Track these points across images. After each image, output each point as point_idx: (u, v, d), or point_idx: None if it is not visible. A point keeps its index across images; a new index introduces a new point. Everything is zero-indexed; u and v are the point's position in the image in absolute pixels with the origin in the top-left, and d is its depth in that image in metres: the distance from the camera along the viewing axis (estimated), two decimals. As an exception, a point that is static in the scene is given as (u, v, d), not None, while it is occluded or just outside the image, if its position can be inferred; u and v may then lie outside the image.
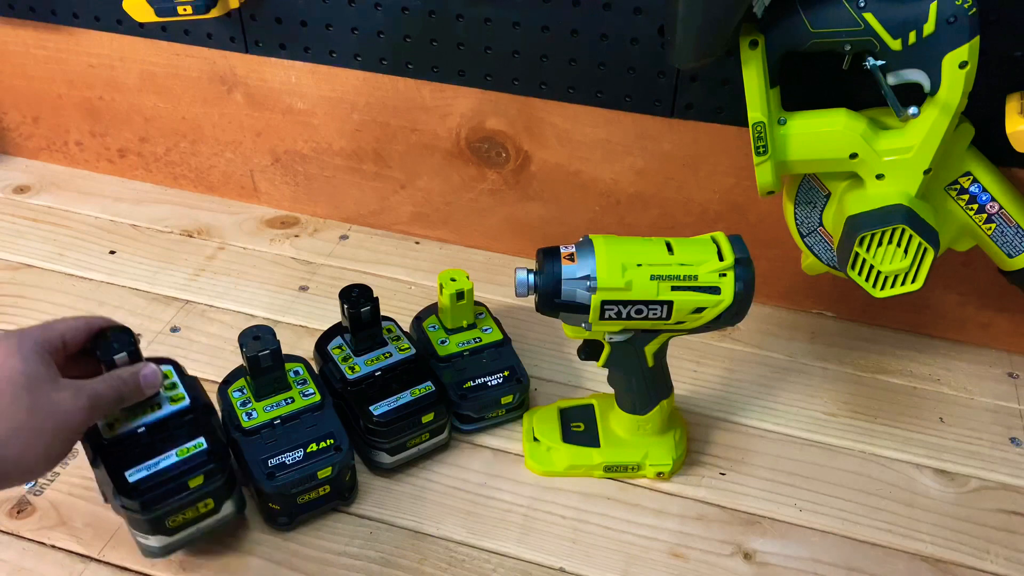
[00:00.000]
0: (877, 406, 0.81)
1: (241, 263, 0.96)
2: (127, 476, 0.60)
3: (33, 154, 1.11)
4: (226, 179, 1.04)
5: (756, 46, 0.67)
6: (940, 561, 0.68)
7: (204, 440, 0.63)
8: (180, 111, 1.00)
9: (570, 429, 0.75)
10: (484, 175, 0.93)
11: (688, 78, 0.79)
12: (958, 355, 0.87)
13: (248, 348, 0.67)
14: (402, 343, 0.76)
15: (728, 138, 0.81)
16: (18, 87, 1.05)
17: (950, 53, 0.63)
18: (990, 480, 0.75)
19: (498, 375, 0.76)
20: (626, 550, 0.68)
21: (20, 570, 0.65)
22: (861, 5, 0.63)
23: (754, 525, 0.71)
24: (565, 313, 0.64)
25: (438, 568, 0.66)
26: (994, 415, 0.81)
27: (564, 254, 0.63)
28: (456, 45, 0.84)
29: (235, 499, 0.65)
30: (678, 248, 0.63)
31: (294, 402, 0.69)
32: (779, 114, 0.69)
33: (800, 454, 0.77)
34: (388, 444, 0.70)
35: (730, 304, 0.62)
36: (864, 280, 0.70)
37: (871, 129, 0.68)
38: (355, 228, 1.02)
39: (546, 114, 0.86)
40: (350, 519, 0.70)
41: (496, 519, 0.70)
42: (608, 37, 0.79)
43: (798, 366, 0.86)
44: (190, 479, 0.61)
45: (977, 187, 0.72)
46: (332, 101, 0.93)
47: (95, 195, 1.06)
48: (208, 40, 0.92)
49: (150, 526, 0.61)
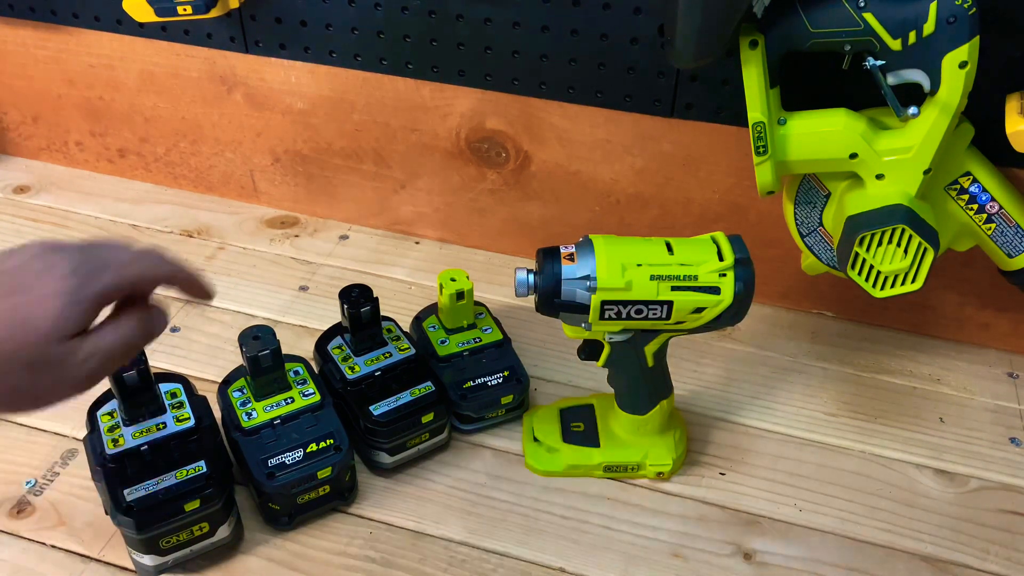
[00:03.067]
0: (877, 406, 0.81)
1: (241, 263, 0.96)
2: (125, 495, 0.60)
3: (33, 154, 1.11)
4: (226, 179, 1.04)
5: (756, 46, 0.67)
6: (940, 561, 0.68)
7: (204, 464, 0.63)
8: (180, 111, 1.00)
9: (570, 429, 0.75)
10: (484, 175, 0.93)
11: (688, 78, 0.79)
12: (958, 355, 0.87)
13: (248, 348, 0.67)
14: (402, 343, 0.76)
15: (728, 138, 0.81)
16: (18, 87, 1.05)
17: (950, 53, 0.63)
18: (990, 480, 0.75)
19: (498, 375, 0.76)
20: (626, 550, 0.68)
21: (20, 570, 0.65)
22: (861, 5, 0.63)
23: (754, 525, 0.71)
24: (565, 313, 0.64)
25: (438, 568, 0.66)
26: (994, 415, 0.81)
27: (564, 254, 0.63)
28: (456, 45, 0.84)
29: (232, 523, 0.65)
30: (678, 248, 0.63)
31: (294, 402, 0.69)
32: (779, 114, 0.69)
33: (800, 454, 0.77)
34: (388, 444, 0.71)
35: (730, 304, 0.62)
36: (864, 280, 0.70)
37: (871, 129, 0.68)
38: (355, 228, 1.02)
39: (546, 114, 0.86)
40: (350, 519, 0.70)
41: (496, 519, 0.70)
42: (608, 37, 0.79)
43: (798, 366, 0.86)
44: (187, 503, 0.61)
45: (977, 187, 0.72)
46: (332, 101, 0.93)
47: (95, 195, 1.06)
48: (208, 40, 0.92)
49: (144, 545, 0.61)
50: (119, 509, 0.60)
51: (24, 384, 0.45)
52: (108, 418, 0.65)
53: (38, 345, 0.44)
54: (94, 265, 0.46)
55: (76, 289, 0.45)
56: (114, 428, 0.64)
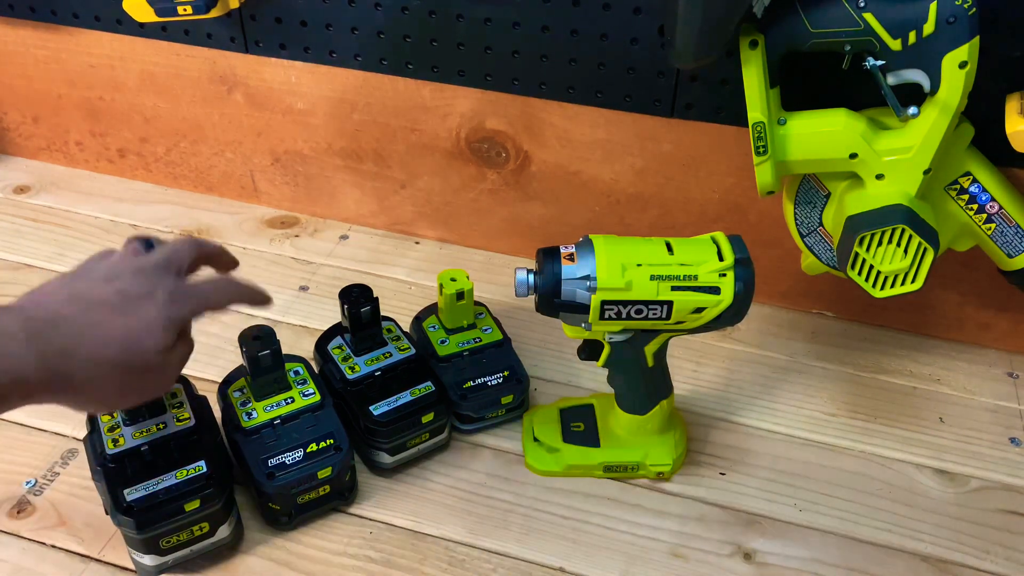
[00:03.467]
0: (877, 406, 0.81)
1: (241, 263, 0.96)
2: (125, 495, 0.61)
3: (33, 154, 1.11)
4: (226, 179, 1.04)
5: (756, 46, 0.67)
6: (940, 561, 0.68)
7: (204, 463, 0.63)
8: (180, 111, 1.00)
9: (570, 429, 0.75)
10: (484, 175, 0.93)
11: (688, 78, 0.79)
12: (958, 355, 0.87)
13: (248, 348, 0.67)
14: (402, 343, 0.76)
15: (728, 138, 0.81)
16: (18, 87, 1.05)
17: (950, 53, 0.63)
18: (990, 480, 0.75)
19: (498, 375, 0.76)
20: (626, 550, 0.68)
21: (20, 570, 0.65)
22: (861, 5, 0.63)
23: (754, 525, 0.71)
24: (565, 313, 0.64)
25: (438, 568, 0.66)
26: (994, 415, 0.81)
27: (564, 254, 0.63)
28: (456, 45, 0.84)
29: (231, 523, 0.65)
30: (678, 248, 0.63)
31: (294, 402, 0.69)
32: (779, 114, 0.69)
33: (800, 454, 0.77)
34: (388, 444, 0.70)
35: (730, 304, 0.62)
36: (864, 280, 0.70)
37: (871, 129, 0.68)
38: (355, 228, 1.02)
39: (546, 114, 0.86)
40: (350, 519, 0.70)
41: (496, 519, 0.70)
42: (608, 37, 0.79)
43: (798, 366, 0.86)
44: (187, 503, 0.61)
45: (977, 187, 0.72)
46: (332, 101, 0.93)
47: (95, 195, 1.06)
48: (208, 40, 0.92)
49: (144, 546, 0.62)
50: (119, 509, 0.60)
51: (128, 386, 0.54)
52: (108, 418, 0.65)
53: (145, 356, 0.53)
54: (184, 293, 0.57)
55: (174, 316, 0.55)
56: (114, 428, 0.64)
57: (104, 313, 0.53)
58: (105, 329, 0.52)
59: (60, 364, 0.50)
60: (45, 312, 0.52)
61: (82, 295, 0.54)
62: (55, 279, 0.56)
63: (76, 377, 0.51)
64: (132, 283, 0.55)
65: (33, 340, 0.49)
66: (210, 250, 0.63)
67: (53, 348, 0.50)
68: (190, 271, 0.60)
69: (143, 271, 0.56)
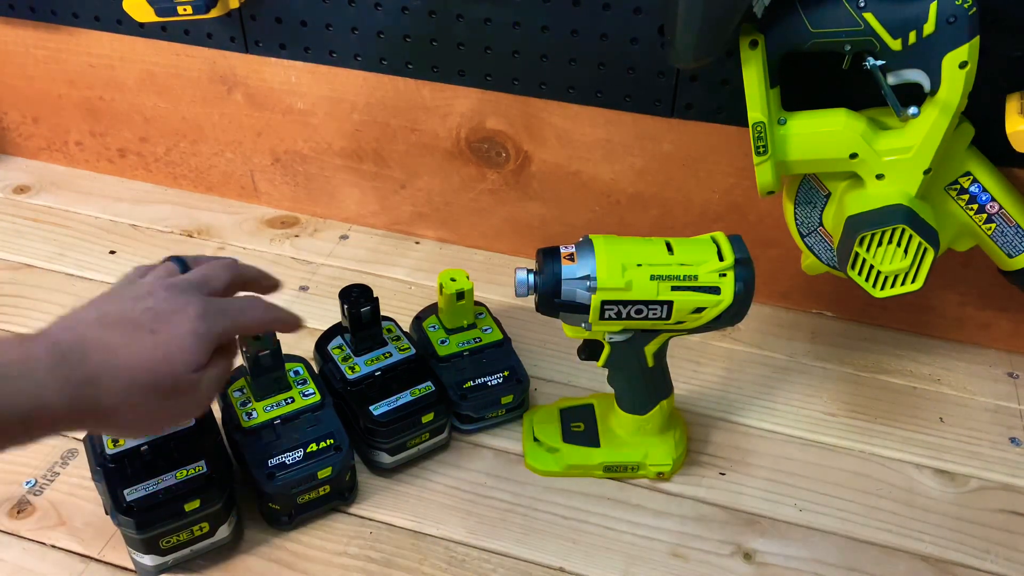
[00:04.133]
0: (877, 406, 0.81)
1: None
2: (125, 495, 0.61)
3: (33, 154, 1.11)
4: (226, 179, 1.04)
5: (756, 46, 0.67)
6: (940, 561, 0.68)
7: (204, 464, 0.63)
8: (180, 111, 1.00)
9: (570, 429, 0.75)
10: (484, 175, 0.93)
11: (688, 78, 0.79)
12: (958, 355, 0.87)
13: (248, 348, 0.67)
14: (402, 343, 0.76)
15: (728, 138, 0.81)
16: (18, 87, 1.05)
17: (950, 53, 0.63)
18: (990, 480, 0.75)
19: (498, 375, 0.76)
20: (626, 550, 0.68)
21: (20, 570, 0.65)
22: (861, 5, 0.63)
23: (754, 525, 0.71)
24: (565, 313, 0.64)
25: (438, 568, 0.66)
26: (994, 415, 0.81)
27: (564, 254, 0.63)
28: (456, 45, 0.84)
29: (231, 523, 0.65)
30: (678, 248, 0.63)
31: (294, 402, 0.69)
32: (779, 114, 0.69)
33: (800, 454, 0.77)
34: (388, 444, 0.71)
35: (730, 304, 0.62)
36: (864, 280, 0.70)
37: (871, 129, 0.68)
38: (355, 228, 1.02)
39: (546, 114, 0.86)
40: (350, 519, 0.70)
41: (496, 519, 0.70)
42: (608, 37, 0.79)
43: (798, 366, 0.86)
44: (187, 503, 0.61)
45: (977, 187, 0.72)
46: (332, 101, 0.93)
47: (95, 195, 1.06)
48: (208, 40, 0.92)
49: (144, 545, 0.62)
50: (119, 509, 0.60)
51: (159, 409, 0.53)
52: None
53: (175, 376, 0.51)
54: (216, 310, 0.54)
55: (205, 332, 0.53)
56: None
57: (133, 333, 0.51)
58: (133, 350, 0.50)
59: (87, 390, 0.49)
60: (72, 336, 0.50)
61: (111, 317, 0.52)
62: (86, 303, 0.54)
63: (104, 403, 0.49)
64: (162, 301, 0.53)
65: (58, 366, 0.48)
66: (249, 274, 0.62)
67: (79, 374, 0.49)
68: (226, 294, 0.58)
69: (175, 288, 0.54)
